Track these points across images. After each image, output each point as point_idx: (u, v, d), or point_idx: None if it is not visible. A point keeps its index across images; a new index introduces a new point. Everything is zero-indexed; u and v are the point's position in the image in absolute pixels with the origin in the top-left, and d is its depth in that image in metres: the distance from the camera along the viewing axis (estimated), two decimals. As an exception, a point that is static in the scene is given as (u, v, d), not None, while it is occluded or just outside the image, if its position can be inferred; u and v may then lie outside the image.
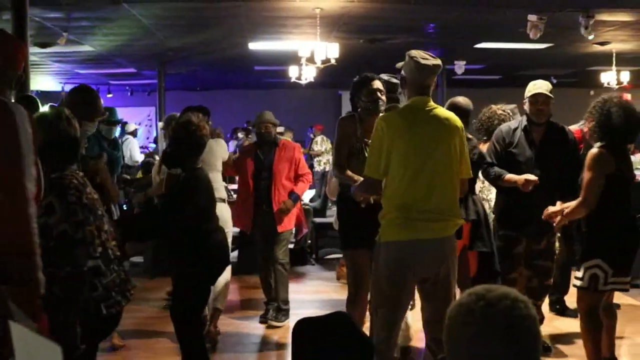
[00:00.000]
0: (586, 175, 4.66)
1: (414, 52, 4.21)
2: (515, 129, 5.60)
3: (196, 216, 4.65)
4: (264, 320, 6.82)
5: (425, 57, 4.18)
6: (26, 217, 2.87)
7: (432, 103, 4.23)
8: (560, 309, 6.98)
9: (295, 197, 6.87)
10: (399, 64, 4.49)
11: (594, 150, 4.72)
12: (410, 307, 5.13)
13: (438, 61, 4.19)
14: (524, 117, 5.64)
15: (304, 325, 2.38)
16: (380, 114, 4.68)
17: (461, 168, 4.26)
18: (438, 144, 4.13)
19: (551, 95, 5.52)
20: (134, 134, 14.73)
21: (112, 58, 14.33)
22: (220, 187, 6.25)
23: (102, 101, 4.76)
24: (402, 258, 4.09)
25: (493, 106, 6.61)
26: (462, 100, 5.74)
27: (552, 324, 6.54)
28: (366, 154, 4.63)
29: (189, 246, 4.68)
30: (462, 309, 1.67)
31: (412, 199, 4.07)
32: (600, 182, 4.62)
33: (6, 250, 2.81)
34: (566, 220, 5.00)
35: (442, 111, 4.28)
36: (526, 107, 5.58)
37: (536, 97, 5.49)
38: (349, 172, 4.98)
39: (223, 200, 6.26)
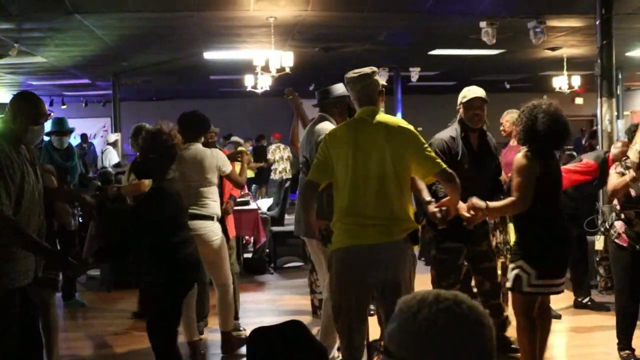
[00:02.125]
0: (516, 179, 4.68)
1: (350, 71, 4.35)
2: (454, 137, 5.47)
3: (162, 229, 4.55)
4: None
5: (355, 71, 4.31)
6: None
7: (378, 112, 4.28)
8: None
9: (233, 198, 6.85)
10: None
11: (520, 155, 4.74)
12: None
13: (366, 71, 4.28)
14: (457, 126, 5.52)
15: (258, 334, 2.38)
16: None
17: (424, 167, 4.22)
18: (378, 149, 4.14)
19: (487, 100, 5.51)
20: (114, 144, 14.89)
21: (66, 69, 14.18)
22: (211, 203, 5.79)
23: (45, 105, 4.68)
24: (346, 265, 4.14)
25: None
26: None
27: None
28: None
29: (157, 260, 4.56)
30: (449, 314, 1.64)
31: (353, 206, 4.13)
32: (531, 184, 4.63)
33: None
34: (488, 215, 5.06)
35: (387, 118, 4.28)
36: (461, 113, 5.49)
37: (472, 102, 5.41)
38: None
39: (211, 218, 5.79)
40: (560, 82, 15.16)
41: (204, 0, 8.63)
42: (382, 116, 4.27)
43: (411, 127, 4.29)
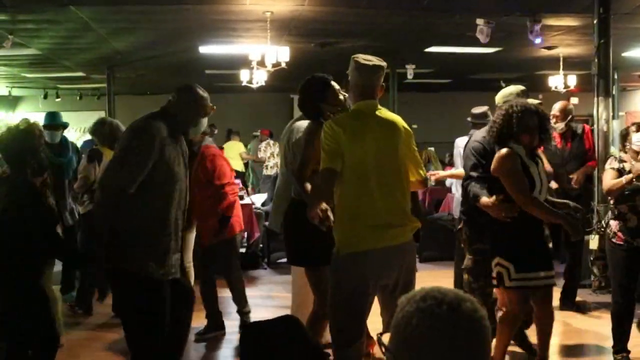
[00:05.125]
0: (509, 178, 4.78)
1: (359, 55, 4.18)
2: None
3: None
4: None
5: (367, 59, 4.14)
6: None
7: (378, 106, 4.17)
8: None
9: (226, 220, 6.34)
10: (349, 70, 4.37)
11: (505, 150, 4.80)
12: None
13: (381, 63, 4.14)
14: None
15: (252, 329, 2.35)
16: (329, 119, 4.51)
17: (412, 171, 4.21)
18: (388, 148, 4.06)
19: None
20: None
21: (60, 61, 14.10)
22: None
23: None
24: (361, 270, 3.97)
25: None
26: None
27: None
28: None
29: None
30: (425, 314, 1.63)
31: (366, 207, 3.98)
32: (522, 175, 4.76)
33: None
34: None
35: (389, 114, 4.21)
36: None
37: None
38: (308, 187, 4.65)
39: None
40: (556, 81, 15.16)
41: (200, -7, 8.60)
42: (384, 111, 4.18)
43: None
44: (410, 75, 15.17)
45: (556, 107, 7.40)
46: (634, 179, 5.32)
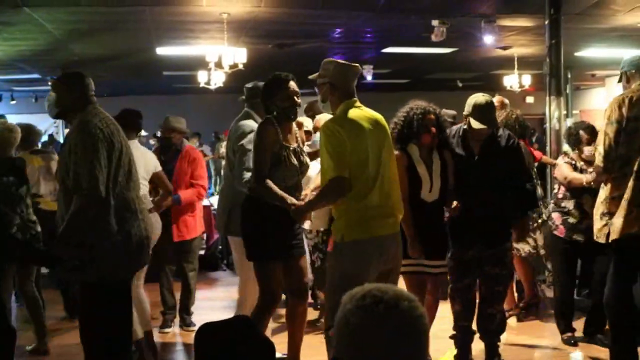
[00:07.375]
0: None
1: (336, 59, 4.43)
2: None
3: None
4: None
5: (346, 62, 4.43)
6: None
7: (360, 104, 4.40)
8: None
9: (176, 199, 6.40)
10: (313, 75, 4.45)
11: (396, 152, 4.85)
12: None
13: (356, 65, 4.43)
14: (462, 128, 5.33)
15: (206, 329, 2.38)
16: (327, 118, 4.55)
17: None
18: (384, 143, 4.35)
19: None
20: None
21: (15, 64, 13.95)
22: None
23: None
24: (367, 255, 4.21)
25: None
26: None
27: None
28: (292, 161, 4.72)
29: None
30: (363, 312, 1.67)
31: (375, 198, 4.22)
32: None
33: None
34: None
35: (372, 111, 4.43)
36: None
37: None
38: (274, 186, 4.63)
39: None
40: (511, 80, 15.38)
41: (156, -6, 8.58)
42: (370, 110, 4.43)
43: None
44: (368, 76, 15.27)
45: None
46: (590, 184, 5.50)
